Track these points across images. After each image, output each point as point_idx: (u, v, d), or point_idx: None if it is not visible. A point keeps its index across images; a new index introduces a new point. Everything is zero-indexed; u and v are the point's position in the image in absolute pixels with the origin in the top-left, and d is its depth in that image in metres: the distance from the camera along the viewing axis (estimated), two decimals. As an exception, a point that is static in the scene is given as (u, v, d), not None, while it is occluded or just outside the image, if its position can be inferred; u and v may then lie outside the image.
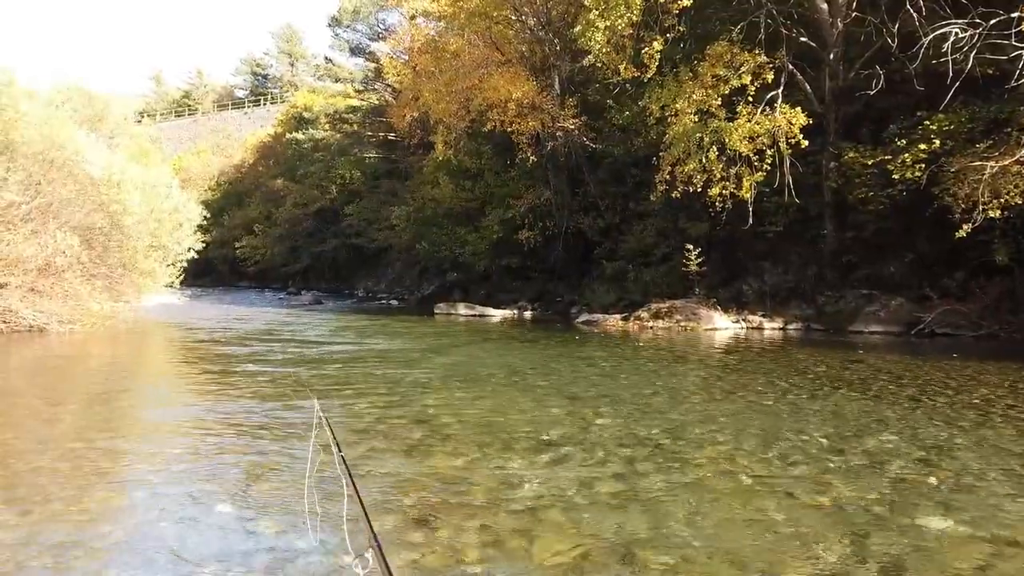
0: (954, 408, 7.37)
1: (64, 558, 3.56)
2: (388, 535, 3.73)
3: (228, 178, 55.82)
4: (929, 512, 4.22)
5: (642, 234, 21.56)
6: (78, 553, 3.63)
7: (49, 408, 7.80)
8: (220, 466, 5.27)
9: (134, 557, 3.63)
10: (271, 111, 64.25)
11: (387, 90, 39.06)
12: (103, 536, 3.89)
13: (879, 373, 9.87)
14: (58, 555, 3.59)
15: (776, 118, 16.15)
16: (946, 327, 14.53)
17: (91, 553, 3.64)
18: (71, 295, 14.98)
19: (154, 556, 3.63)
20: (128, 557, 3.63)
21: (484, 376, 9.77)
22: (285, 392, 8.40)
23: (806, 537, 3.85)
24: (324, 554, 3.60)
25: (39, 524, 4.02)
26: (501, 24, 24.60)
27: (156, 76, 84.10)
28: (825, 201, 17.45)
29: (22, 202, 14.01)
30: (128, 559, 3.61)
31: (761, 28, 16.42)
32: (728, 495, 4.58)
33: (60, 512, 4.22)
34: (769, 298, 17.71)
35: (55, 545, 3.71)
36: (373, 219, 35.90)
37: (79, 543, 3.75)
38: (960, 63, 13.31)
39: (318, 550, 3.62)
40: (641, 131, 20.09)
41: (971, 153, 13.58)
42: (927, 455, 5.53)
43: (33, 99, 16.53)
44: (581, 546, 3.72)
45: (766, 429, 6.38)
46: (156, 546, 3.75)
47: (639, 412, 7.20)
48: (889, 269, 16.40)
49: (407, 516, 4.17)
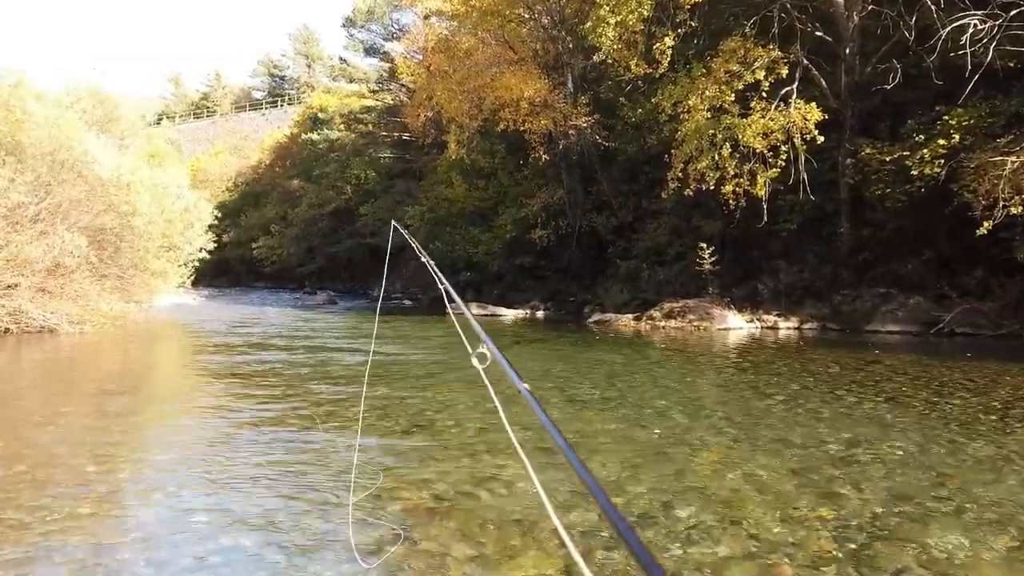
0: (971, 411, 7.12)
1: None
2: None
3: (245, 179, 56.11)
4: (940, 525, 4.00)
5: (656, 233, 21.33)
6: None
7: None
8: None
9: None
10: (288, 112, 64.51)
11: (401, 90, 39.08)
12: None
13: (895, 374, 9.60)
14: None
15: (791, 114, 15.89)
16: (966, 326, 14.20)
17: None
18: (81, 296, 15.01)
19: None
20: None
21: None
22: (288, 415, 8.29)
23: (801, 553, 3.65)
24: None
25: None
26: (514, 22, 24.46)
27: (175, 79, 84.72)
28: (841, 198, 17.13)
29: (30, 203, 14.05)
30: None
31: (775, 22, 16.16)
32: (723, 503, 4.39)
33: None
34: (784, 297, 17.40)
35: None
36: (387, 219, 35.83)
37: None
38: (979, 56, 13.02)
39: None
40: (654, 128, 19.89)
41: (991, 148, 13.27)
42: (940, 461, 5.29)
43: (42, 100, 16.60)
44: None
45: (773, 437, 6.17)
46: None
47: (638, 414, 7.01)
48: (907, 267, 16.04)
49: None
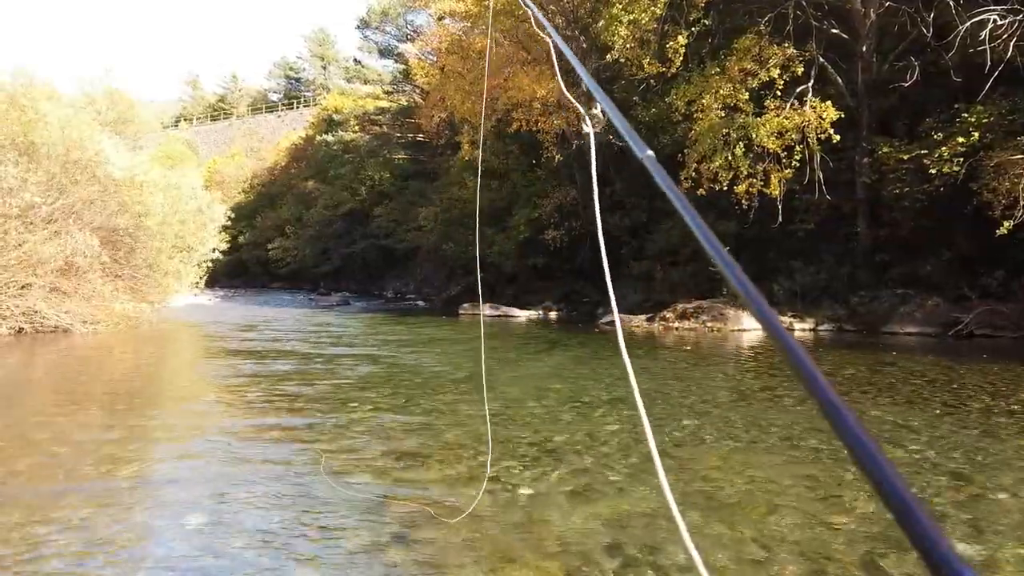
0: (989, 414, 6.93)
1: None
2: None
3: (261, 180, 56.37)
4: (955, 530, 3.85)
5: (669, 233, 21.12)
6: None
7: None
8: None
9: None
10: (303, 114, 64.81)
11: (415, 91, 39.11)
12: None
13: (911, 376, 9.40)
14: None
15: (806, 112, 15.68)
16: (986, 328, 13.93)
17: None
18: (94, 296, 15.06)
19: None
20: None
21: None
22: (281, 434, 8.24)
23: (810, 558, 3.52)
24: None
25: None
26: (527, 23, 24.34)
27: (192, 81, 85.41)
28: (858, 198, 16.90)
29: (43, 203, 14.11)
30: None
31: (790, 20, 15.96)
32: (729, 506, 4.26)
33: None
34: (800, 298, 17.16)
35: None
36: (402, 220, 35.99)
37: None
38: (999, 52, 12.76)
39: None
40: (667, 128, 19.71)
41: (1012, 146, 13.01)
42: (957, 467, 5.13)
43: (55, 100, 16.69)
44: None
45: (782, 439, 6.02)
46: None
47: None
48: (926, 268, 15.77)
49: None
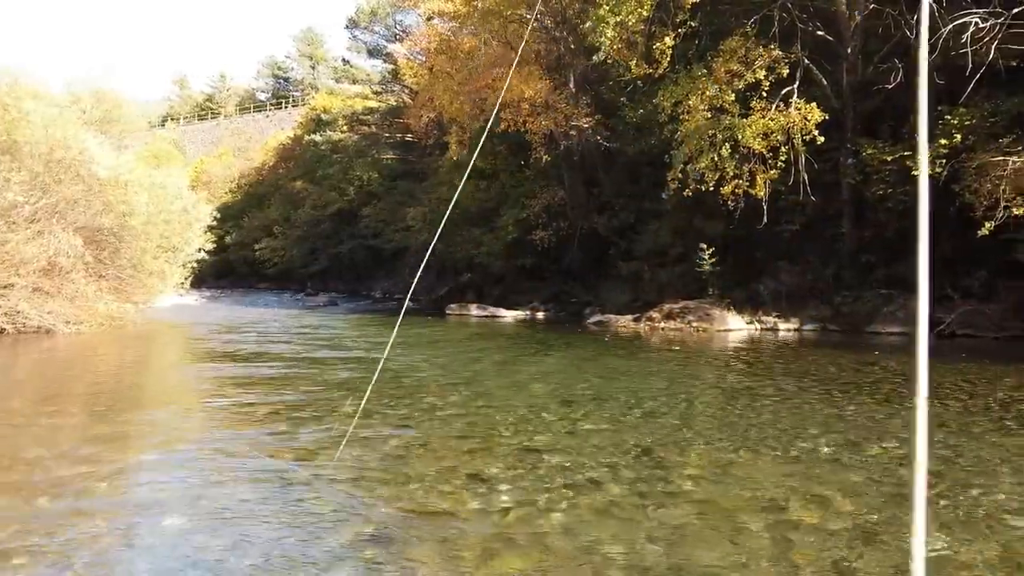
0: (966, 413, 7.00)
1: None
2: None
3: (248, 180, 56.01)
4: (929, 527, 3.88)
5: (657, 233, 21.21)
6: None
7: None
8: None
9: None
10: (292, 114, 64.45)
11: (404, 91, 39.06)
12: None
13: (892, 375, 9.50)
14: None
15: (791, 114, 15.76)
16: (968, 328, 14.07)
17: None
18: (78, 296, 14.97)
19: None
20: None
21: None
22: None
23: (787, 557, 3.54)
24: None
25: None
26: (515, 23, 24.36)
27: (180, 80, 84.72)
28: (843, 199, 17.02)
29: (26, 202, 14.01)
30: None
31: (776, 22, 16.04)
32: (709, 505, 4.29)
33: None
34: (785, 298, 17.26)
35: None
36: (390, 220, 35.90)
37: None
38: (981, 55, 12.86)
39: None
40: (654, 129, 19.76)
41: (993, 148, 13.13)
42: (933, 465, 5.17)
43: (39, 99, 16.56)
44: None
45: (760, 439, 6.06)
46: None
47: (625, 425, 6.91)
48: (909, 268, 15.87)
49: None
